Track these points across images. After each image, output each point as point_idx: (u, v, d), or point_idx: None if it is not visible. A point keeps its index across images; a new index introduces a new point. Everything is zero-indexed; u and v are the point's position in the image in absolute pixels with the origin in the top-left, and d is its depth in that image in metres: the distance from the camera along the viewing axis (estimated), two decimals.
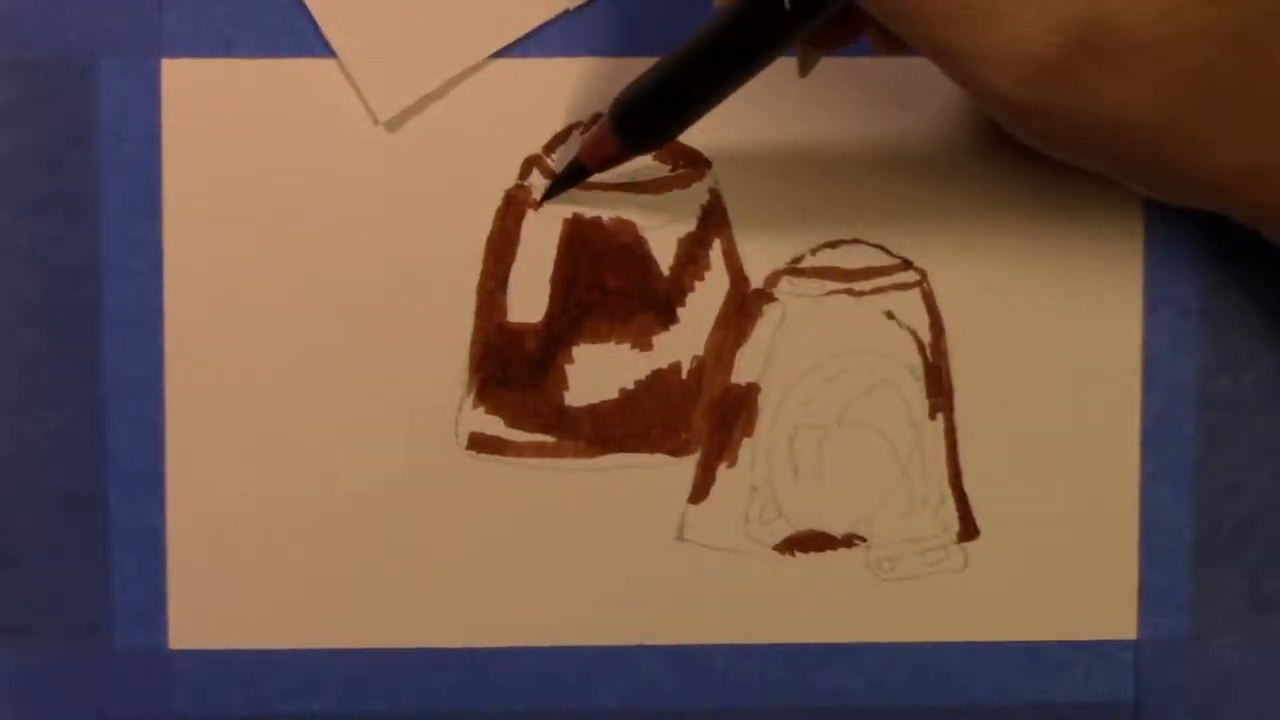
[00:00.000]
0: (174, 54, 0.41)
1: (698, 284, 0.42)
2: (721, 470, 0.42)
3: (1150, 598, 0.42)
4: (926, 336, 0.42)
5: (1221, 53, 0.32)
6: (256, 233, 0.41)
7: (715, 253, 0.42)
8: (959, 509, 0.42)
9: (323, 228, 0.41)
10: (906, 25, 0.33)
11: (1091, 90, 0.33)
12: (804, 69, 0.38)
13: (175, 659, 0.42)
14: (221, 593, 0.42)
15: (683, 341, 0.42)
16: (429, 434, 0.41)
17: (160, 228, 0.41)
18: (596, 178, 0.41)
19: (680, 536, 0.42)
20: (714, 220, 0.42)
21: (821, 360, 0.42)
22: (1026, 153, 0.37)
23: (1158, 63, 0.32)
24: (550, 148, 0.41)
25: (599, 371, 0.42)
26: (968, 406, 0.42)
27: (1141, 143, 0.34)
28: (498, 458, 0.42)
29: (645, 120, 0.38)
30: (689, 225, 0.42)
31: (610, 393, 0.42)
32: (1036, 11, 0.32)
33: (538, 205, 0.41)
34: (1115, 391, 0.42)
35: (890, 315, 0.42)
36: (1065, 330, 0.42)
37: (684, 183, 0.41)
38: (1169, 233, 0.42)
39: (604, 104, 0.41)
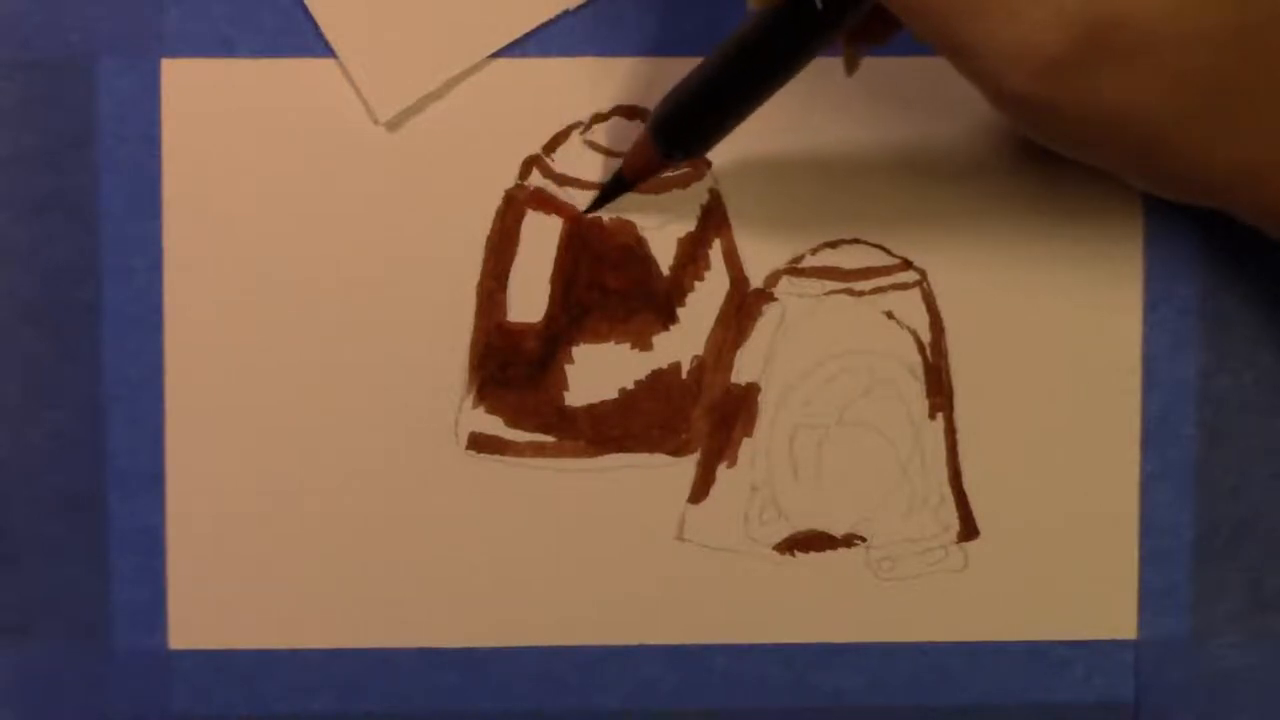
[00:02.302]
0: (174, 54, 0.41)
1: (698, 284, 0.42)
2: (721, 470, 0.42)
3: (1150, 598, 0.42)
4: (926, 336, 0.42)
5: (1228, 51, 0.33)
6: (256, 233, 0.41)
7: (715, 253, 0.42)
8: (959, 509, 0.42)
9: (323, 228, 0.41)
10: (922, 21, 0.33)
11: (1099, 86, 0.33)
12: (850, 68, 0.39)
13: (175, 659, 0.42)
14: (221, 593, 0.42)
15: (682, 341, 0.42)
16: (429, 434, 0.41)
17: (160, 228, 0.41)
18: (598, 177, 0.41)
19: (680, 536, 0.42)
20: (714, 220, 0.42)
21: (821, 360, 0.42)
22: (1027, 153, 0.37)
23: (1165, 60, 0.33)
24: (550, 148, 0.41)
25: (599, 371, 0.42)
26: (968, 406, 0.42)
27: (1146, 139, 0.34)
28: (498, 458, 0.42)
29: (686, 128, 0.38)
30: (689, 225, 0.42)
31: (610, 393, 0.42)
32: (1048, 8, 0.32)
33: (584, 215, 0.41)
34: (1115, 391, 0.42)
35: (890, 315, 0.42)
36: (1065, 330, 0.42)
37: (684, 183, 0.41)
38: (1169, 232, 0.42)
39: (604, 104, 0.41)
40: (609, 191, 0.41)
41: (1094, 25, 0.32)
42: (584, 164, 0.41)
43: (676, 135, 0.38)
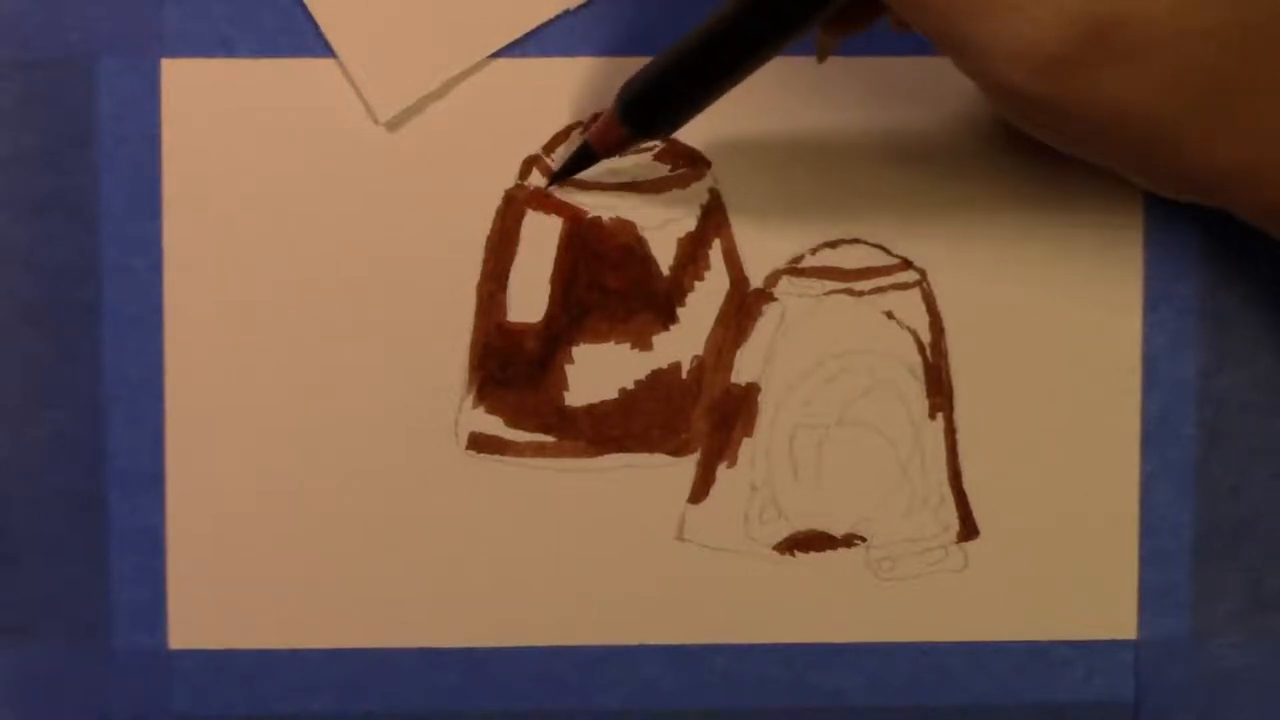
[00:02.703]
0: (174, 54, 0.41)
1: (698, 284, 0.42)
2: (721, 470, 0.42)
3: (1150, 598, 0.42)
4: (926, 336, 0.42)
5: (1229, 49, 0.33)
6: (256, 233, 0.41)
7: (715, 252, 0.42)
8: (959, 509, 0.42)
9: (323, 228, 0.41)
10: (921, 16, 0.34)
11: (1100, 84, 0.33)
12: (821, 55, 0.38)
13: (175, 659, 0.42)
14: (221, 593, 0.42)
15: (682, 341, 0.42)
16: (429, 434, 0.41)
17: (160, 228, 0.41)
18: (597, 178, 0.41)
19: (680, 536, 0.42)
20: (714, 220, 0.42)
21: (821, 360, 0.42)
22: (1026, 152, 0.37)
23: (1165, 58, 0.33)
24: (550, 148, 0.41)
25: (599, 371, 0.42)
26: (968, 406, 0.42)
27: (1146, 136, 0.34)
28: (498, 458, 0.42)
29: (654, 105, 0.38)
30: (689, 225, 0.42)
31: (610, 393, 0.42)
32: (1049, 6, 0.32)
33: (545, 189, 0.41)
34: (1115, 391, 0.42)
35: (890, 315, 0.42)
36: (1065, 330, 0.42)
37: (684, 183, 0.41)
38: (1169, 231, 0.42)
39: (604, 104, 0.41)
40: (574, 164, 0.40)
41: (1095, 23, 0.32)
42: None
43: (643, 112, 0.38)
